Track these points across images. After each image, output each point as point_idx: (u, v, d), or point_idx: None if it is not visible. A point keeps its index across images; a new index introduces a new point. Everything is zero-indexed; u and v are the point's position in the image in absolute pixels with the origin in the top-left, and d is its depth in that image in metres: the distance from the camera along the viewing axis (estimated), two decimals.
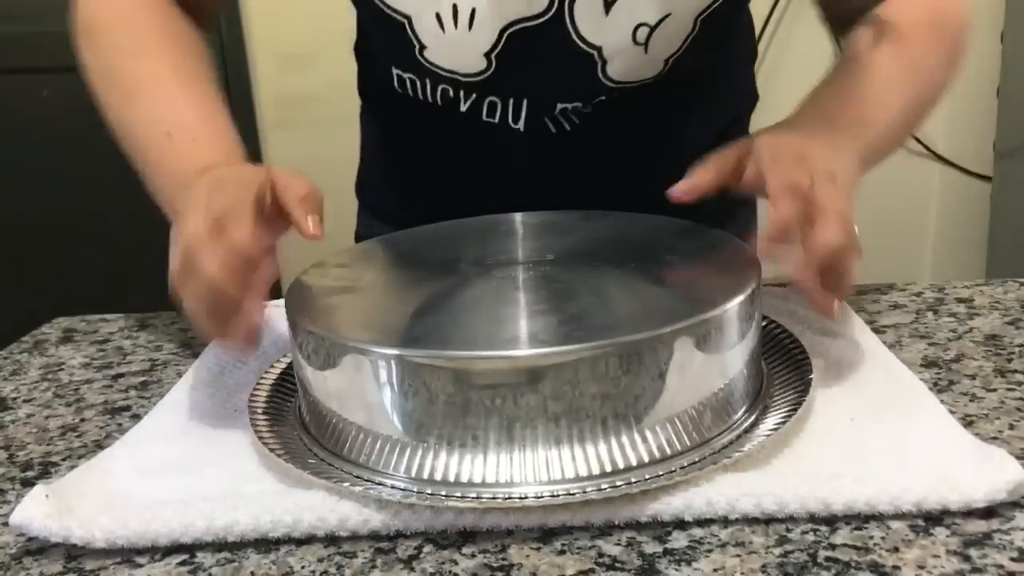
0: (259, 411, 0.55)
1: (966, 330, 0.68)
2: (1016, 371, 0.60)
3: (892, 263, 2.18)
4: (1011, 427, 0.52)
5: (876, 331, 0.66)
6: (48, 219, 2.21)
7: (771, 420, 0.51)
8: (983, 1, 2.03)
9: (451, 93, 0.73)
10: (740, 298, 0.49)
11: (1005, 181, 2.01)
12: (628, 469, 0.45)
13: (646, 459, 0.46)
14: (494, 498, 0.44)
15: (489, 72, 0.70)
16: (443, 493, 0.45)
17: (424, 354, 0.45)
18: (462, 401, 0.44)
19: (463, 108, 0.74)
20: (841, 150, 0.60)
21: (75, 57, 0.70)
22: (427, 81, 0.74)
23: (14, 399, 0.67)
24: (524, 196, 0.70)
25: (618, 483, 0.45)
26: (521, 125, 0.74)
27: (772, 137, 0.61)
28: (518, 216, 0.67)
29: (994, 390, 0.57)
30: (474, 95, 0.73)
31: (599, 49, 0.67)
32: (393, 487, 0.46)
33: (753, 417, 0.51)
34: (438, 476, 0.46)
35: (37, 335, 0.82)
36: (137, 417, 0.61)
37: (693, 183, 0.59)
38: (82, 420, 0.62)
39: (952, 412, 0.53)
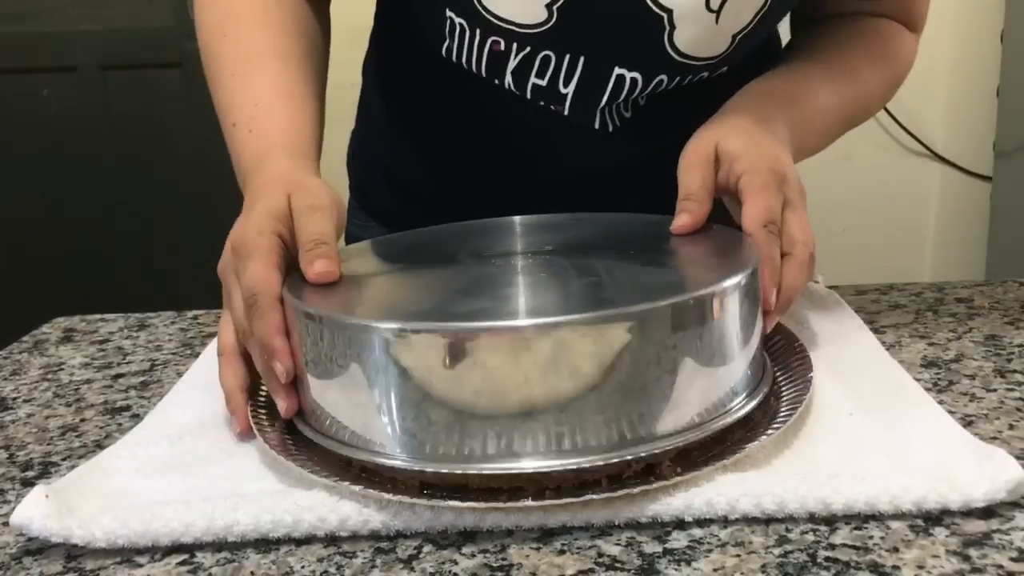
0: (260, 410, 0.55)
1: (966, 330, 0.68)
2: (1016, 371, 0.60)
3: (892, 263, 2.18)
4: (1011, 427, 0.52)
5: (876, 331, 0.67)
6: (48, 219, 2.21)
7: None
8: (983, 1, 2.03)
9: (501, 46, 0.68)
10: (740, 277, 0.48)
11: (1005, 181, 2.01)
12: None
13: None
14: (494, 499, 0.44)
15: (549, 24, 0.66)
16: (443, 494, 0.45)
17: (424, 326, 0.45)
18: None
19: (511, 67, 0.69)
20: (785, 146, 0.63)
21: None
22: (477, 32, 0.68)
23: (14, 399, 0.67)
24: (532, 198, 0.69)
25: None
26: (571, 90, 0.69)
27: (739, 141, 0.61)
28: (516, 218, 0.67)
29: (994, 390, 0.58)
30: (528, 49, 0.68)
31: (670, 12, 0.65)
32: None
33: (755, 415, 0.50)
34: None
35: (37, 335, 0.82)
36: (137, 417, 0.61)
37: (694, 221, 0.59)
38: (82, 420, 0.62)
39: (952, 412, 0.53)
